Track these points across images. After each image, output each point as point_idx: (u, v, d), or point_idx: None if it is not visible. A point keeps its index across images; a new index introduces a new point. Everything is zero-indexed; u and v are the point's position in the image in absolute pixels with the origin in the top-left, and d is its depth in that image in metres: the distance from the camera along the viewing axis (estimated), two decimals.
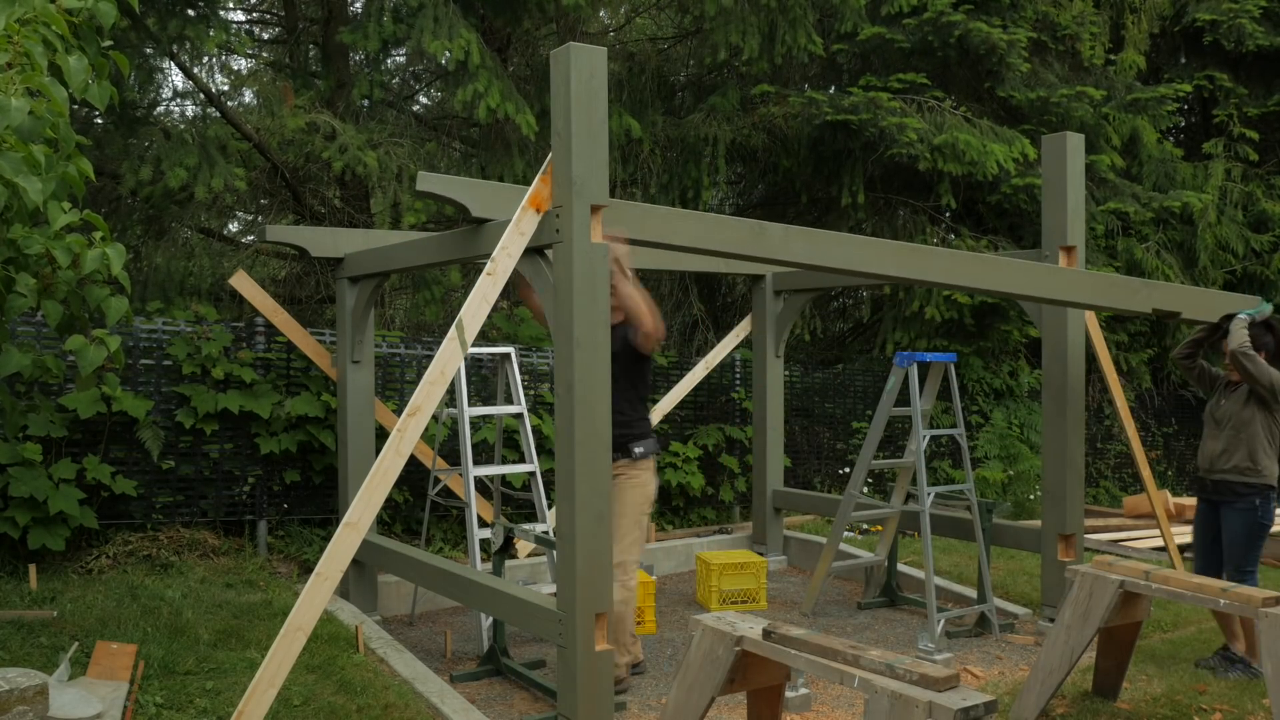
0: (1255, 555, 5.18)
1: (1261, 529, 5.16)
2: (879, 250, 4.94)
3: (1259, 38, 11.83)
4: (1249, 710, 4.68)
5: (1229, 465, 5.18)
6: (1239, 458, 5.16)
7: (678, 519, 8.53)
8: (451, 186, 4.64)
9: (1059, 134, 5.96)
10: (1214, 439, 5.27)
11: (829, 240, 4.82)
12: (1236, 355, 5.10)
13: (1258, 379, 5.09)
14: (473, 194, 4.65)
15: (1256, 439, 5.14)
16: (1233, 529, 5.20)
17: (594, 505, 4.10)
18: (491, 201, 4.65)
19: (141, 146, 7.28)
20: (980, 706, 2.94)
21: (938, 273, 5.12)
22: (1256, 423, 5.16)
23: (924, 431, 5.95)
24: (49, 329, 5.19)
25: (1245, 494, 5.14)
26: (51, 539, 5.65)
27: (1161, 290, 5.60)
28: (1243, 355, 5.08)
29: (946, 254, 5.17)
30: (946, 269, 5.13)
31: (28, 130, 3.02)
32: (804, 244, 4.72)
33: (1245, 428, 5.16)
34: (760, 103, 10.39)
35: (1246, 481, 5.14)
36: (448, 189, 4.62)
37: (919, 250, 5.09)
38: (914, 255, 5.05)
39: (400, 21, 7.49)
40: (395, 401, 7.20)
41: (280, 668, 3.57)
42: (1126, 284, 5.55)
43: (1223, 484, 5.22)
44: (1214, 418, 5.33)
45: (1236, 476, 5.16)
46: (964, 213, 10.43)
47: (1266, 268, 11.75)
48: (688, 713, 3.69)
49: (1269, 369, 5.11)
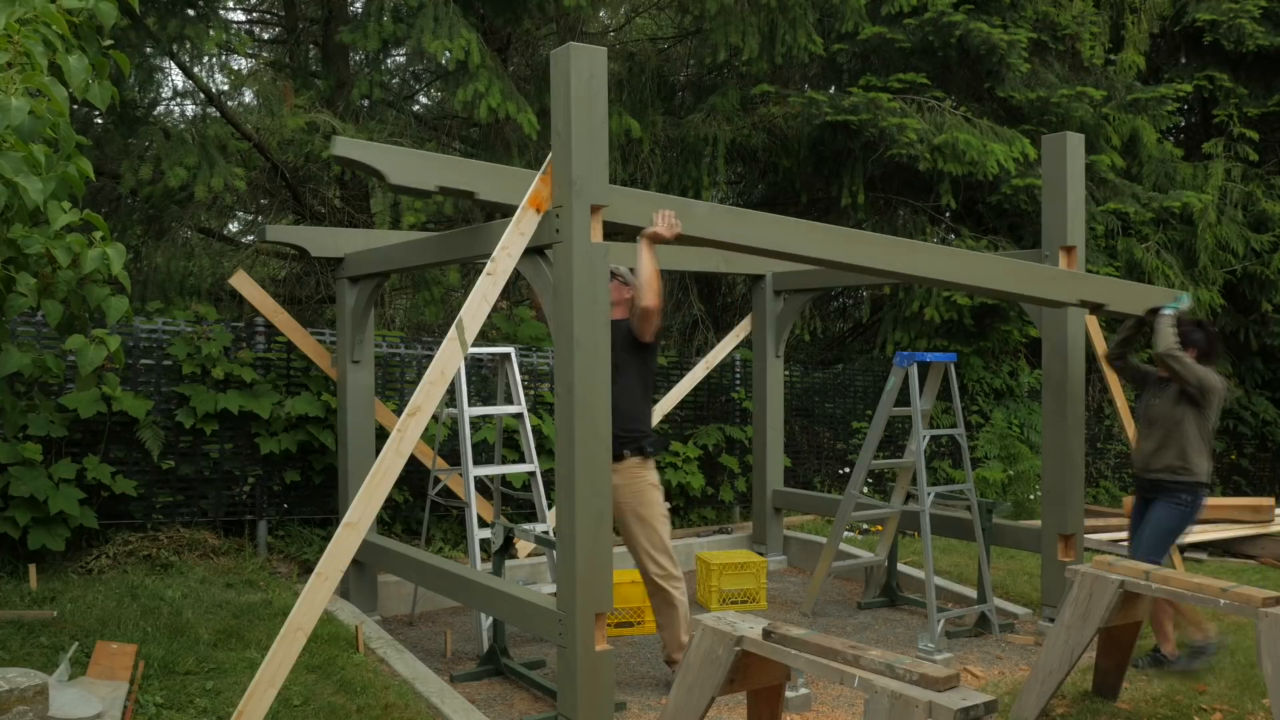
0: (1167, 547, 5.26)
1: (1185, 524, 5.23)
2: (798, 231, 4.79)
3: (1259, 38, 11.82)
4: (1249, 710, 4.68)
5: (1162, 465, 5.22)
6: (1171, 457, 5.19)
7: (678, 519, 8.53)
8: (367, 152, 4.53)
9: (1059, 134, 5.96)
10: (1148, 439, 5.31)
11: (754, 221, 4.69)
12: (1164, 357, 5.14)
13: (1186, 379, 5.11)
14: (390, 161, 4.52)
15: (1187, 438, 5.17)
16: (1158, 518, 5.24)
17: (594, 505, 4.10)
18: (409, 169, 4.52)
19: (141, 146, 7.28)
20: (980, 706, 2.94)
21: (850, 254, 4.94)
22: (1187, 421, 5.18)
23: (924, 431, 5.95)
24: (49, 329, 5.19)
25: (1177, 491, 5.19)
26: (51, 539, 5.65)
27: (1087, 282, 5.61)
28: (1170, 357, 5.12)
29: (863, 237, 5.04)
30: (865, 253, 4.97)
31: (28, 130, 3.02)
32: (729, 222, 4.59)
33: (1177, 427, 5.20)
34: (760, 103, 10.39)
35: (1179, 480, 5.18)
36: (363, 154, 4.51)
37: (830, 231, 4.94)
38: (825, 236, 4.88)
39: (400, 21, 7.49)
40: (395, 401, 7.20)
41: (280, 668, 3.57)
42: (1054, 275, 5.53)
43: (1157, 483, 5.26)
44: (1146, 417, 5.37)
45: (1169, 475, 5.20)
46: (964, 213, 10.43)
47: (1266, 268, 11.74)
48: (688, 713, 3.69)
49: (1197, 368, 5.14)
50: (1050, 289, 5.49)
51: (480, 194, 4.57)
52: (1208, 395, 5.13)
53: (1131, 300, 5.68)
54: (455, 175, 4.57)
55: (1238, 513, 8.75)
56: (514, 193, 4.54)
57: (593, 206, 4.10)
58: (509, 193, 4.58)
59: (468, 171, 4.61)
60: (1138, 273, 10.60)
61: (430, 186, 4.52)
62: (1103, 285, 5.67)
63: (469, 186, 4.56)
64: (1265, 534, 8.50)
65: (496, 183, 4.61)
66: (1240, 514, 8.74)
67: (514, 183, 4.60)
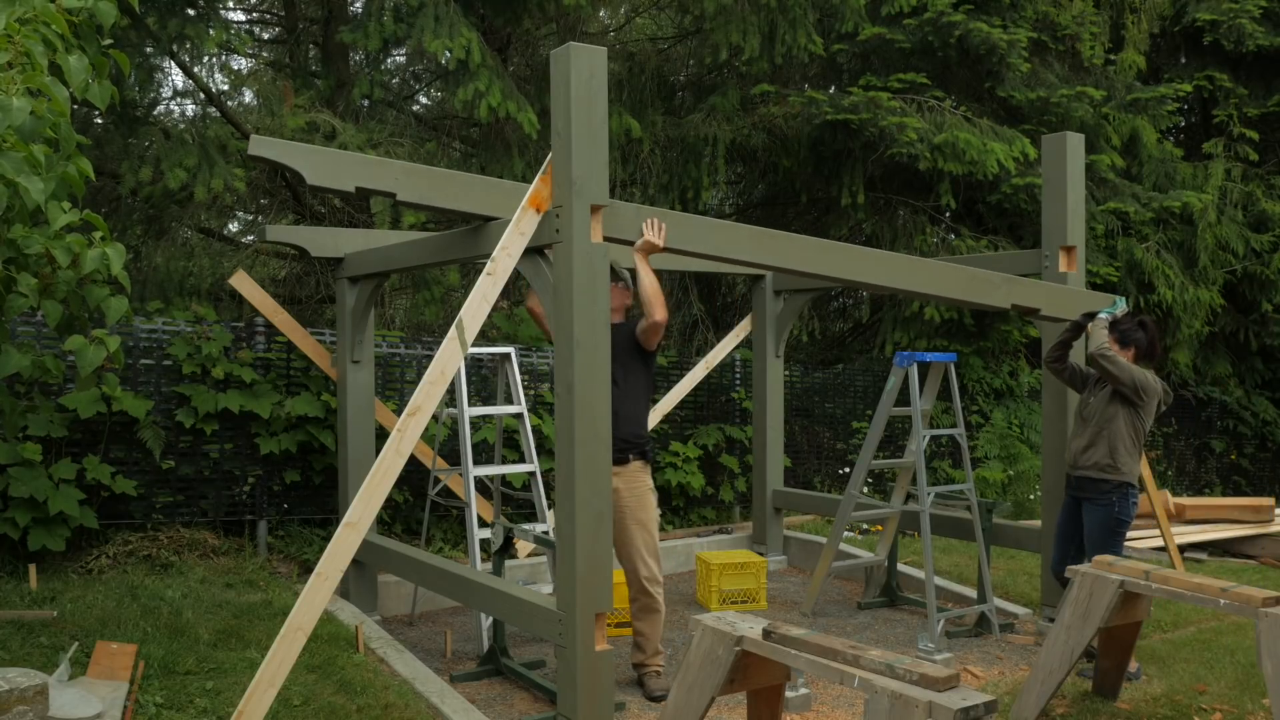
0: (1115, 550, 5.23)
1: (1119, 524, 5.22)
2: (723, 231, 4.67)
3: (1259, 38, 11.82)
4: (1249, 710, 4.68)
5: (1090, 462, 5.23)
6: (1100, 454, 5.20)
7: (678, 519, 8.53)
8: (285, 152, 4.45)
9: (1059, 134, 5.96)
10: (1080, 436, 5.33)
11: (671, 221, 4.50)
12: (1096, 356, 5.16)
13: (1120, 379, 5.13)
14: (307, 160, 4.44)
15: (1119, 436, 5.18)
16: (1091, 524, 5.25)
17: (594, 505, 4.10)
18: (327, 168, 4.44)
19: (141, 146, 7.28)
20: (980, 706, 2.94)
21: (783, 259, 4.83)
22: (1119, 420, 5.20)
23: (924, 431, 5.95)
24: (49, 329, 5.19)
25: (1105, 490, 5.19)
26: (51, 539, 5.65)
27: (1021, 286, 5.58)
28: (1101, 357, 5.14)
29: (795, 240, 4.91)
30: (798, 256, 4.86)
31: (29, 130, 3.02)
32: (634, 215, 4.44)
33: (1108, 425, 5.21)
34: (760, 102, 10.39)
35: (1106, 478, 5.18)
36: (281, 154, 4.43)
37: (762, 235, 4.79)
38: (755, 239, 4.73)
39: (401, 21, 7.49)
40: (395, 401, 7.20)
41: (280, 668, 3.57)
42: (987, 279, 5.47)
43: (1085, 480, 5.26)
44: (1081, 415, 5.39)
45: (1097, 473, 5.21)
46: (964, 212, 10.43)
47: (1266, 268, 11.75)
48: (688, 713, 3.69)
49: (1130, 368, 5.16)
50: (985, 294, 5.44)
51: (401, 195, 4.47)
52: (1142, 395, 5.15)
53: (1066, 306, 5.67)
54: (375, 175, 4.48)
55: (1238, 513, 8.76)
56: (436, 194, 4.51)
57: (593, 206, 4.10)
58: (431, 194, 4.52)
59: (388, 171, 4.50)
60: (1138, 272, 10.61)
61: (348, 187, 4.44)
62: (1036, 290, 5.62)
63: (389, 188, 4.47)
64: (1265, 534, 8.51)
65: (417, 183, 4.51)
66: (1240, 514, 8.75)
67: (436, 184, 4.54)
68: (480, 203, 4.64)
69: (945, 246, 10.65)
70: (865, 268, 5.12)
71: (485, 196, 4.66)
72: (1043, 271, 5.99)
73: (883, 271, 5.16)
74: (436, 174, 4.63)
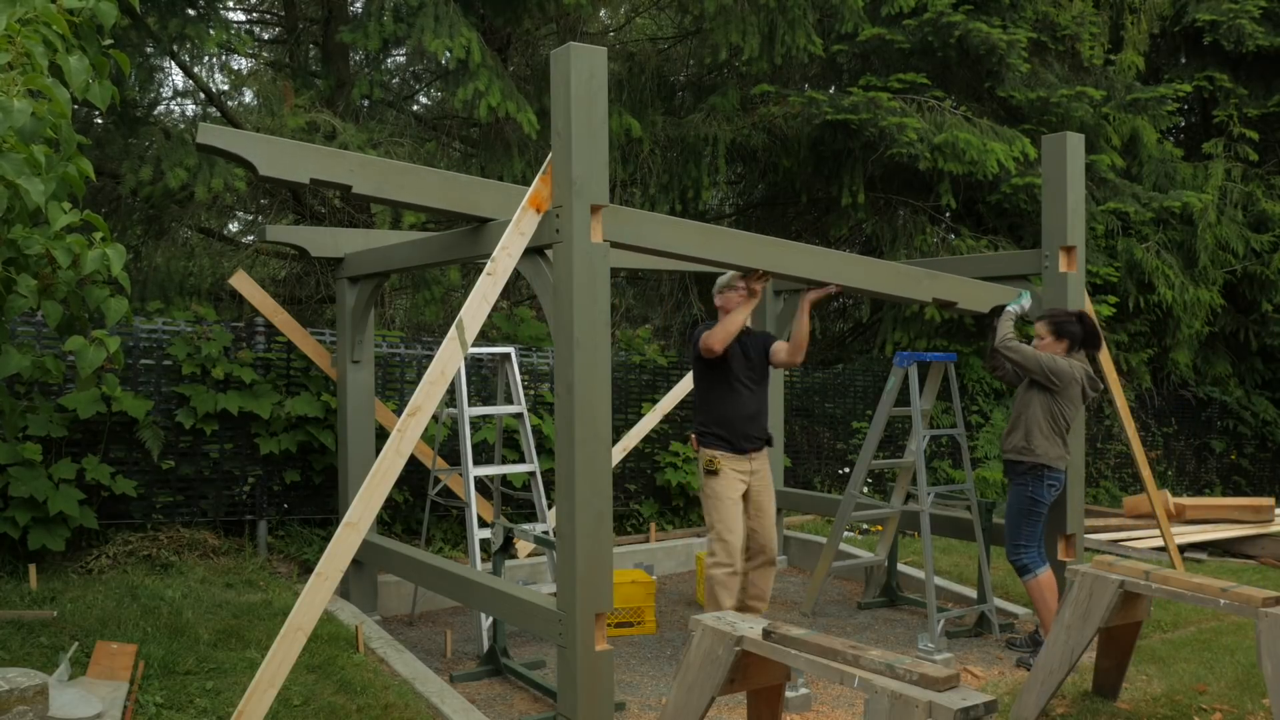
0: (1030, 532, 5.41)
1: (1032, 504, 5.39)
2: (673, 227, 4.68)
3: (1259, 38, 11.82)
4: (1249, 710, 4.68)
5: (1009, 446, 5.47)
6: (1017, 438, 5.43)
7: (678, 519, 8.54)
8: (235, 141, 4.30)
9: (1059, 134, 5.96)
10: (1008, 423, 5.57)
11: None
12: (999, 349, 5.40)
13: (1026, 366, 5.35)
14: (256, 150, 4.30)
15: (1034, 421, 5.37)
16: (1008, 504, 5.49)
17: (594, 505, 4.10)
18: (279, 159, 4.32)
19: (142, 146, 7.28)
20: (980, 706, 2.94)
21: (707, 250, 4.84)
22: (1035, 405, 5.39)
23: (924, 431, 5.95)
24: (49, 329, 5.19)
25: (1020, 472, 5.40)
26: (51, 539, 5.65)
27: (941, 281, 5.77)
28: (1004, 348, 5.39)
29: (725, 233, 4.99)
30: (723, 248, 4.91)
31: (30, 131, 3.02)
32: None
33: (1025, 410, 5.43)
34: (760, 103, 10.39)
35: (1021, 460, 5.38)
36: (230, 143, 4.28)
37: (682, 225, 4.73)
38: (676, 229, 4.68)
39: (401, 21, 7.49)
40: (395, 401, 7.20)
41: (280, 668, 3.57)
42: (910, 273, 5.70)
43: (1006, 463, 5.52)
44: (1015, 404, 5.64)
45: (1014, 456, 5.43)
46: (964, 212, 10.43)
47: (1266, 268, 11.75)
48: (688, 713, 3.69)
49: (1036, 355, 5.35)
50: (907, 287, 5.66)
51: (356, 188, 4.39)
52: (1054, 379, 5.32)
53: (979, 299, 5.86)
54: (330, 167, 4.37)
55: (1238, 513, 8.76)
56: (393, 187, 4.44)
57: (593, 206, 4.10)
58: (388, 187, 4.45)
59: (343, 163, 4.40)
60: (1138, 272, 10.61)
61: (303, 179, 4.34)
62: (954, 285, 5.83)
63: (344, 180, 4.37)
64: (1265, 534, 8.50)
65: (373, 175, 4.43)
66: (1240, 514, 8.75)
67: (391, 176, 4.46)
68: (438, 197, 4.60)
69: (945, 246, 10.64)
70: (806, 264, 5.31)
71: (443, 191, 4.61)
72: (1043, 271, 6.00)
73: (817, 267, 5.37)
74: (392, 166, 4.55)
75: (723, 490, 5.31)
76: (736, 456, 5.36)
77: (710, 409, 5.41)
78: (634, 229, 4.41)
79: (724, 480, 5.32)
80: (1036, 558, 5.39)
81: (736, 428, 5.36)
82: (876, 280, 5.58)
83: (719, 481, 5.33)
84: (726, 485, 5.31)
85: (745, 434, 5.36)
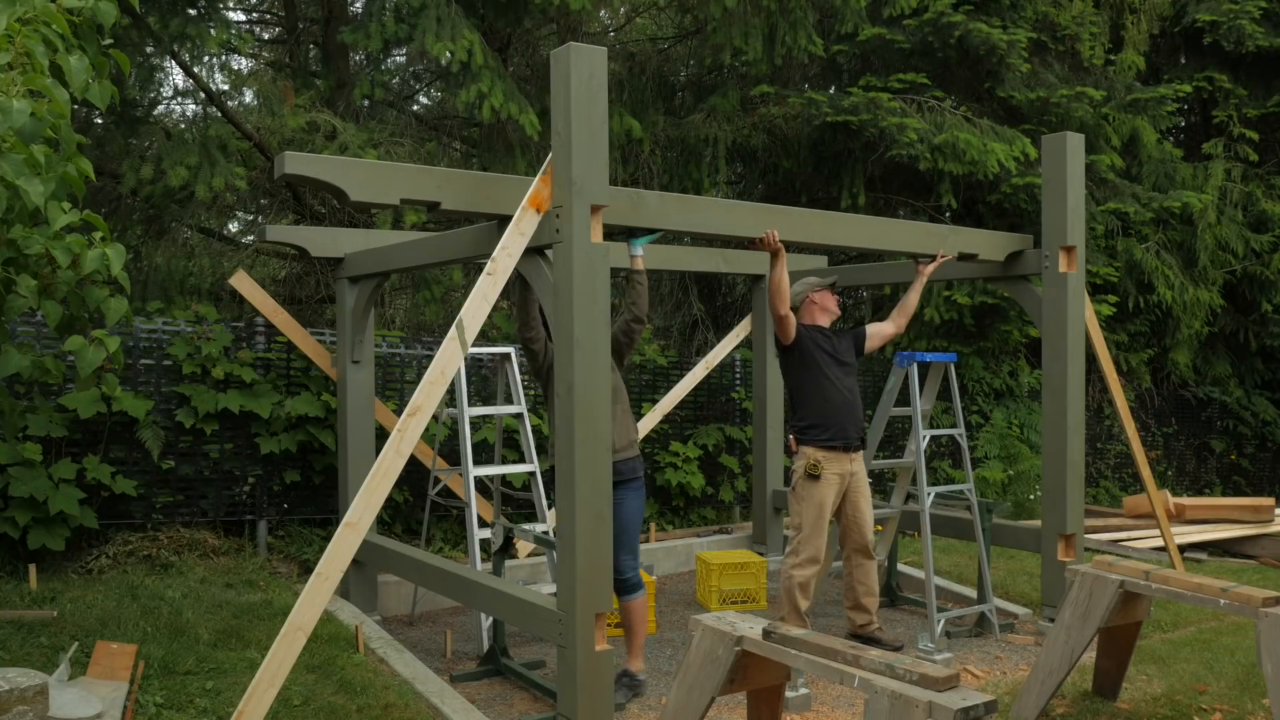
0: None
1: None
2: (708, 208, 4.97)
3: (1259, 38, 11.83)
4: (1249, 710, 4.68)
5: None
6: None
7: (678, 519, 8.53)
8: (324, 169, 4.18)
9: (1059, 134, 5.96)
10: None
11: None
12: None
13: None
14: (348, 176, 4.22)
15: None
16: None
17: (594, 505, 4.10)
18: (369, 183, 4.24)
19: (142, 146, 7.28)
20: (980, 706, 2.94)
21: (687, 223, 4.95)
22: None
23: (924, 431, 5.95)
24: (49, 329, 5.19)
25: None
26: (51, 539, 5.65)
27: (963, 235, 6.08)
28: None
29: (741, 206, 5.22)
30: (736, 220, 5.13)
31: (29, 132, 3.01)
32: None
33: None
34: (760, 103, 10.39)
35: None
36: (320, 172, 4.17)
37: (693, 203, 4.94)
38: (693, 208, 4.91)
39: (402, 21, 7.48)
40: (395, 401, 7.20)
41: (280, 668, 3.57)
42: (935, 230, 6.03)
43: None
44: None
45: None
46: (964, 212, 10.43)
47: (1266, 268, 11.75)
48: (688, 713, 3.69)
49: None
50: (932, 244, 5.95)
51: (445, 204, 4.36)
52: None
53: (997, 248, 6.23)
54: (419, 185, 4.33)
55: (1238, 513, 8.76)
56: (480, 200, 4.44)
57: (593, 206, 4.10)
58: (475, 200, 4.44)
59: (430, 179, 4.37)
60: (1138, 273, 10.62)
61: (393, 200, 4.28)
62: (973, 237, 6.13)
63: (433, 196, 4.35)
64: (1265, 534, 8.51)
65: (460, 191, 4.42)
66: (1240, 514, 8.75)
67: (478, 189, 4.47)
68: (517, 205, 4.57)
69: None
70: (814, 229, 5.60)
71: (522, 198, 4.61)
72: (1043, 271, 6.00)
73: (826, 230, 5.66)
74: (480, 178, 4.51)
75: (819, 495, 5.28)
76: (839, 456, 5.33)
77: (808, 405, 5.39)
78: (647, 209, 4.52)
79: (823, 485, 5.29)
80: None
81: (835, 420, 5.35)
82: (903, 240, 5.86)
83: (818, 486, 5.28)
84: (824, 490, 5.28)
85: (843, 427, 5.34)
